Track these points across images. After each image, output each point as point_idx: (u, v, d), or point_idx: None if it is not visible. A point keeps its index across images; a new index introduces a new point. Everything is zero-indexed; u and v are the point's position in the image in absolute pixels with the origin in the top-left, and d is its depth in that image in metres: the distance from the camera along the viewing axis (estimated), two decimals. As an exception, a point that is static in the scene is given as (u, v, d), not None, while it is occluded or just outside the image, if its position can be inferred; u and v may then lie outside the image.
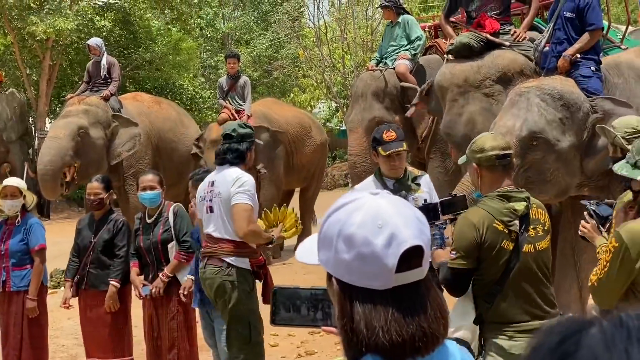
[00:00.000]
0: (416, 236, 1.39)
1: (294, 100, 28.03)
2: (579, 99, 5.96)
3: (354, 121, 9.33)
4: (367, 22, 26.47)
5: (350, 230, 1.40)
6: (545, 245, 3.89)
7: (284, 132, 12.38)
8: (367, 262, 1.38)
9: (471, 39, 6.88)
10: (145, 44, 23.33)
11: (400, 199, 1.48)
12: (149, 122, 11.65)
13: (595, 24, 6.30)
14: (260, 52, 31.33)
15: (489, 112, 6.56)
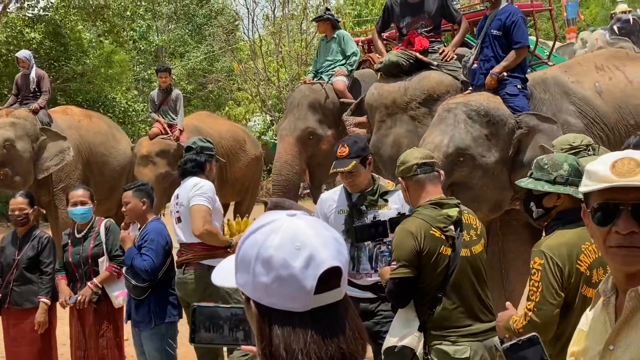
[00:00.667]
0: (334, 257, 1.39)
1: (229, 114, 27.96)
2: (504, 115, 6.07)
3: (286, 129, 9.30)
4: (302, 35, 26.58)
5: (268, 252, 1.39)
6: (480, 249, 4.02)
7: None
8: (286, 285, 1.37)
9: (400, 58, 6.93)
10: (76, 57, 23.01)
11: (317, 220, 1.47)
12: (79, 135, 11.46)
13: (522, 42, 6.42)
14: (194, 65, 31.18)
15: (414, 135, 6.64)
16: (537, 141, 6.01)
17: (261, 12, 49.22)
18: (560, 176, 3.56)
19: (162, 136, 11.26)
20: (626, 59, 6.93)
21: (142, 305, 5.59)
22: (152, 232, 5.62)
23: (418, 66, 6.93)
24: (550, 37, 13.00)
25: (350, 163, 4.59)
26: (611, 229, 1.83)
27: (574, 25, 21.28)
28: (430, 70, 6.92)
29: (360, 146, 4.69)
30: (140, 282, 5.54)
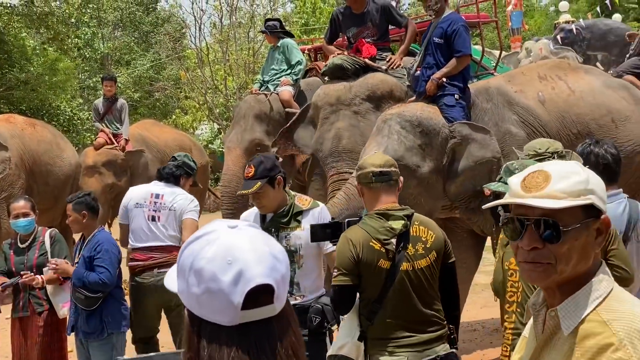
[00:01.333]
0: (266, 274, 1.38)
1: (176, 122, 27.76)
2: (437, 124, 6.15)
3: (233, 141, 9.31)
4: (249, 44, 26.54)
5: (201, 264, 1.38)
6: (425, 264, 3.92)
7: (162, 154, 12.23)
8: (215, 298, 1.37)
9: (345, 61, 7.03)
10: (20, 64, 22.62)
11: (261, 233, 1.46)
12: (23, 144, 11.26)
13: (462, 50, 6.50)
14: (141, 73, 30.91)
15: (356, 129, 6.72)
16: (470, 151, 6.10)
17: (208, 20, 49.05)
18: None
19: (108, 146, 11.15)
20: (568, 69, 7.05)
21: (93, 316, 5.51)
22: (104, 242, 5.57)
23: (364, 70, 7.01)
24: (496, 46, 13.18)
25: (256, 184, 4.46)
26: (518, 244, 1.81)
27: (519, 34, 21.63)
28: (376, 72, 7.02)
29: (267, 167, 4.52)
30: (92, 293, 5.46)
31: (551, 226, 1.75)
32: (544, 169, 1.81)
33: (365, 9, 7.48)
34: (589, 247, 1.79)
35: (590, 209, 1.78)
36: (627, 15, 31.02)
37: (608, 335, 1.68)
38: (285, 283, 1.43)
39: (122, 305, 5.66)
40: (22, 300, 5.95)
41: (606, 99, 6.67)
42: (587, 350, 1.70)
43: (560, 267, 1.77)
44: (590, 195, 1.77)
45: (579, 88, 6.71)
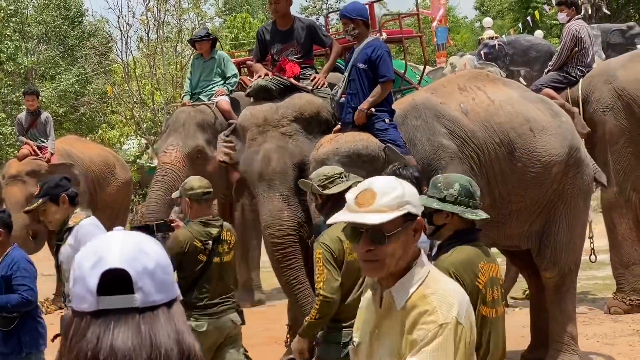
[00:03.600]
0: (123, 261, 1.41)
1: (103, 137, 27.38)
2: (374, 150, 6.14)
3: (172, 145, 9.15)
4: (177, 58, 26.35)
5: (76, 257, 1.47)
6: (228, 259, 5.61)
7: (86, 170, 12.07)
8: (78, 284, 1.43)
9: (269, 82, 6.93)
10: (-61, 78, 22.07)
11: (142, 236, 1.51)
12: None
13: (387, 75, 6.51)
14: (66, 88, 30.38)
15: (284, 150, 6.66)
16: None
17: (135, 34, 48.47)
18: (450, 195, 3.69)
19: (32, 157, 10.99)
20: (486, 79, 7.16)
21: (10, 337, 5.38)
22: (20, 260, 5.47)
23: (289, 90, 6.96)
24: (421, 62, 13.38)
25: (37, 202, 4.91)
26: (357, 247, 2.43)
27: (444, 50, 22.02)
28: (302, 92, 6.97)
29: (51, 185, 4.99)
30: (9, 313, 5.34)
31: (379, 233, 2.35)
32: (371, 188, 2.39)
33: (291, 26, 7.46)
34: (409, 243, 2.42)
35: (408, 215, 2.38)
36: (549, 32, 31.87)
37: (426, 304, 2.34)
38: (153, 278, 1.44)
39: (39, 323, 5.54)
40: None
41: (524, 108, 6.80)
42: (412, 317, 2.35)
43: (388, 261, 2.38)
44: (406, 205, 2.38)
45: (498, 98, 6.82)
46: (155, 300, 1.45)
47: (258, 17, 42.80)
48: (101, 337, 1.39)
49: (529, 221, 6.73)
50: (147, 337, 1.41)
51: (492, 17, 29.34)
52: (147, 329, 1.42)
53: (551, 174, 6.63)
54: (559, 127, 6.80)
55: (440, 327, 2.28)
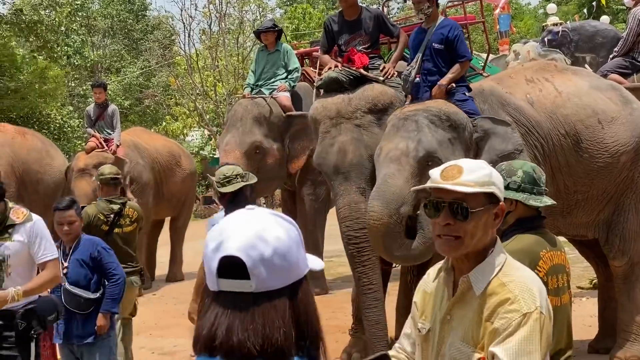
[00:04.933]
0: (240, 249, 1.51)
1: (167, 129, 27.77)
2: (463, 119, 6.10)
3: (231, 143, 9.28)
4: (238, 49, 26.56)
5: (208, 235, 1.59)
6: (130, 229, 6.81)
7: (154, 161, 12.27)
8: (206, 262, 1.56)
9: (340, 74, 6.90)
10: (9, 73, 22.60)
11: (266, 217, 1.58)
12: (13, 153, 11.26)
13: (466, 55, 6.53)
14: (131, 81, 30.91)
15: (359, 142, 6.62)
16: (491, 144, 6.06)
17: (197, 26, 48.88)
18: (513, 182, 3.64)
19: (99, 150, 11.17)
20: (555, 71, 7.05)
21: (89, 320, 5.48)
22: (100, 243, 5.62)
23: (359, 81, 6.93)
24: (484, 50, 13.24)
25: None
26: (435, 221, 2.36)
27: (507, 37, 21.72)
28: (373, 83, 6.93)
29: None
30: (93, 295, 5.47)
31: (461, 207, 2.31)
32: (458, 164, 2.37)
33: (359, 16, 7.42)
34: (489, 226, 2.38)
35: (492, 196, 2.36)
36: (616, 17, 31.21)
37: (506, 293, 2.29)
38: (269, 265, 1.52)
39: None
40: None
41: (592, 99, 6.68)
42: (491, 305, 2.30)
43: (467, 240, 2.33)
44: (492, 186, 2.35)
45: (565, 89, 6.72)
46: (269, 286, 1.53)
47: (318, 7, 42.80)
48: (218, 319, 1.52)
49: (597, 210, 6.63)
50: (259, 323, 1.51)
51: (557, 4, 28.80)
52: (260, 315, 1.52)
53: (619, 163, 6.51)
54: (629, 115, 6.67)
55: (524, 317, 2.24)
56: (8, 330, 4.75)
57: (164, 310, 10.25)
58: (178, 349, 8.08)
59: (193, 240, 14.47)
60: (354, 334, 7.18)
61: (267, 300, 1.52)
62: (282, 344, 1.51)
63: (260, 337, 1.49)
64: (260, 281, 1.52)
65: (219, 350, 1.50)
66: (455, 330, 2.41)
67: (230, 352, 1.49)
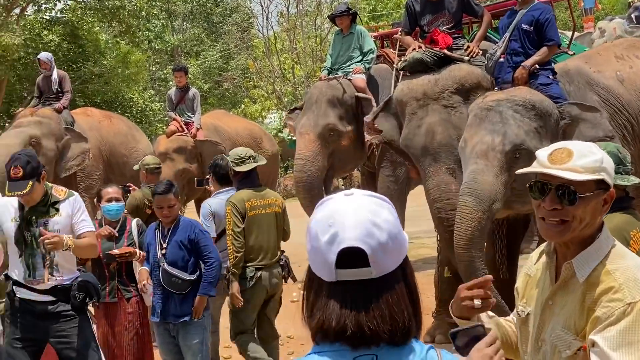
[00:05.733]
0: (359, 239, 1.52)
1: (245, 112, 28.00)
2: (549, 106, 5.96)
3: (306, 125, 9.33)
4: (316, 32, 26.56)
5: (311, 224, 1.60)
6: None
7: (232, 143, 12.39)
8: (317, 255, 1.56)
9: (424, 55, 6.85)
10: (93, 58, 23.13)
11: (372, 202, 1.59)
12: (100, 136, 11.54)
13: (555, 39, 6.39)
14: (210, 64, 31.27)
15: (448, 123, 6.56)
16: (581, 131, 5.90)
17: (275, 9, 49.15)
18: None
19: (179, 133, 11.32)
20: None
21: (186, 300, 5.64)
22: (198, 226, 5.78)
23: (443, 62, 6.85)
24: (568, 27, 12.95)
25: (27, 184, 4.79)
26: (541, 204, 2.29)
27: (591, 14, 21.17)
28: (459, 63, 6.85)
29: (34, 165, 4.86)
30: (190, 276, 5.61)
31: (569, 192, 2.22)
32: (567, 147, 2.28)
33: None
34: (597, 212, 2.28)
35: (601, 182, 2.26)
36: None
37: (611, 281, 2.20)
38: (386, 250, 1.54)
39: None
40: (109, 286, 6.00)
41: None
42: (595, 293, 2.22)
43: (574, 225, 2.25)
44: (602, 172, 2.25)
45: None
46: (386, 269, 1.56)
47: (396, -13, 42.45)
48: (344, 309, 1.53)
49: None
50: (385, 308, 1.53)
51: (642, -21, 27.87)
52: (384, 300, 1.54)
53: None
54: None
55: (628, 306, 2.15)
56: (65, 304, 5.02)
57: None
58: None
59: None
60: (437, 316, 7.16)
61: (387, 284, 1.55)
62: (408, 325, 1.55)
63: (389, 323, 1.52)
64: (380, 267, 1.54)
65: (348, 340, 1.52)
66: (556, 317, 2.35)
67: (361, 341, 1.52)
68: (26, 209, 4.95)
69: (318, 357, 1.55)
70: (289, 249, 6.85)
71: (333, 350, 1.54)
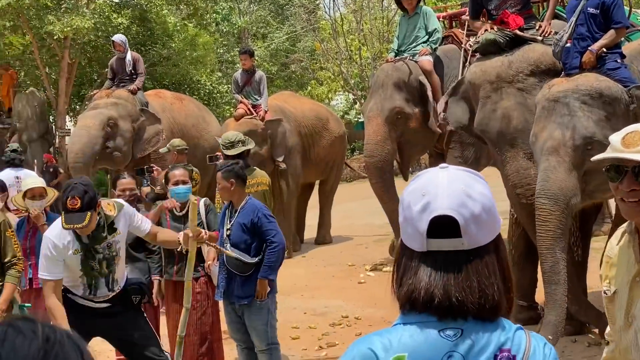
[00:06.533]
0: (451, 208, 1.53)
1: (312, 93, 28.02)
2: (617, 92, 5.79)
3: (373, 110, 9.35)
4: (383, 12, 26.42)
5: (404, 195, 1.62)
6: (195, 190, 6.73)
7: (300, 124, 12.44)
8: (408, 225, 1.58)
9: (497, 35, 6.75)
10: (162, 41, 23.37)
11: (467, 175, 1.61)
12: (172, 118, 11.74)
13: (622, 22, 6.21)
14: (277, 46, 31.37)
15: (524, 107, 6.44)
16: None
17: (342, -10, 49.06)
18: None
19: (248, 117, 11.40)
20: None
21: (248, 281, 5.67)
22: (261, 208, 5.80)
23: (515, 43, 6.74)
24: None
25: (86, 216, 4.63)
26: (618, 186, 2.36)
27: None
28: (533, 43, 6.72)
29: (91, 195, 4.68)
30: (252, 259, 5.64)
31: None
32: (639, 130, 2.33)
33: None
34: None
35: None
36: None
37: None
38: (478, 222, 1.55)
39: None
40: (177, 265, 6.13)
41: None
42: None
43: None
44: None
45: None
46: (479, 242, 1.56)
47: (464, -33, 41.88)
48: (433, 278, 1.54)
49: None
50: (474, 280, 1.53)
51: None
52: (474, 272, 1.54)
53: None
54: None
55: None
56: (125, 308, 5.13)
57: (313, 272, 10.46)
58: (329, 310, 8.24)
59: (342, 203, 14.61)
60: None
61: (479, 257, 1.55)
62: (498, 300, 1.54)
63: (477, 295, 1.52)
64: (472, 238, 1.54)
65: (436, 310, 1.52)
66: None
67: (448, 312, 1.52)
68: (85, 240, 4.87)
69: (404, 327, 1.55)
70: (357, 230, 6.87)
71: (419, 321, 1.53)
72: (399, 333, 1.54)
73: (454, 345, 1.51)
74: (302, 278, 9.86)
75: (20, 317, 1.04)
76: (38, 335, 1.00)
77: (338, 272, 10.27)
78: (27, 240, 6.35)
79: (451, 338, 1.51)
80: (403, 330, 1.54)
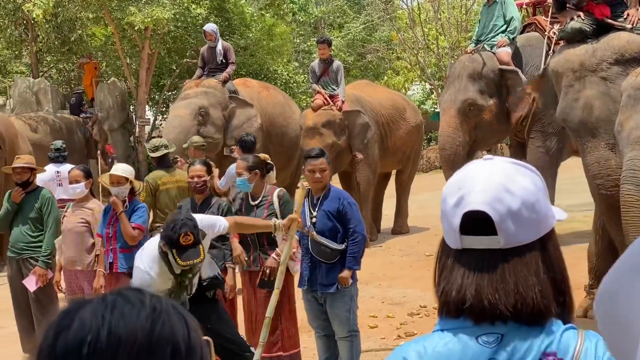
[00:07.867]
0: (485, 202, 1.42)
1: (388, 83, 27.87)
2: None
3: (447, 101, 9.35)
4: (461, 1, 26.10)
5: (444, 188, 1.51)
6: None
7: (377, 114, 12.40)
8: (444, 219, 1.49)
9: (583, 24, 6.58)
10: (239, 31, 23.57)
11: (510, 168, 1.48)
12: (260, 107, 11.83)
13: None
14: (353, 36, 31.31)
15: (607, 96, 6.29)
16: None
17: (419, -21, 48.65)
18: None
19: (326, 107, 11.40)
20: None
21: (333, 269, 5.68)
22: (347, 197, 5.80)
23: (602, 31, 6.56)
24: None
25: (200, 250, 4.71)
26: None
27: None
28: (619, 31, 6.54)
29: (199, 228, 4.76)
30: (339, 246, 5.65)
31: None
32: None
33: None
34: None
35: None
36: None
37: None
38: (517, 219, 1.42)
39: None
40: (252, 254, 6.20)
41: None
42: None
43: None
44: None
45: None
46: (519, 240, 1.43)
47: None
48: (465, 280, 1.43)
49: None
50: (511, 282, 1.41)
51: None
52: (511, 273, 1.42)
53: None
54: None
55: None
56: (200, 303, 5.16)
57: (391, 262, 10.45)
58: (407, 299, 8.22)
59: (418, 193, 14.53)
60: (590, 290, 6.95)
61: (518, 257, 1.43)
62: (538, 304, 1.41)
63: (513, 298, 1.40)
64: (509, 236, 1.42)
65: (468, 313, 1.42)
66: None
67: (481, 315, 1.41)
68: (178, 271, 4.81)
69: (440, 334, 1.47)
70: (434, 221, 6.83)
71: (456, 327, 1.44)
72: (435, 341, 1.46)
73: (493, 353, 1.40)
74: (380, 267, 9.85)
75: (129, 288, 1.06)
76: (146, 304, 1.02)
77: (415, 262, 10.22)
78: (110, 226, 6.48)
79: (489, 345, 1.41)
80: (439, 337, 1.46)
